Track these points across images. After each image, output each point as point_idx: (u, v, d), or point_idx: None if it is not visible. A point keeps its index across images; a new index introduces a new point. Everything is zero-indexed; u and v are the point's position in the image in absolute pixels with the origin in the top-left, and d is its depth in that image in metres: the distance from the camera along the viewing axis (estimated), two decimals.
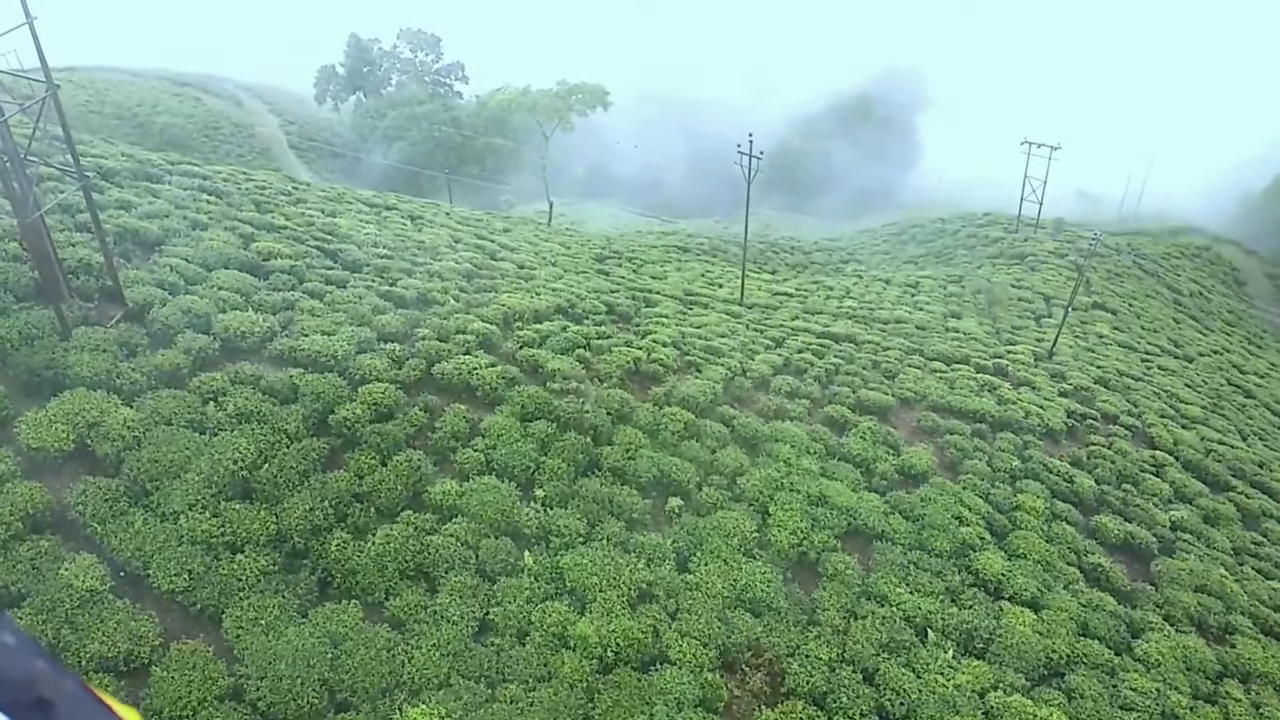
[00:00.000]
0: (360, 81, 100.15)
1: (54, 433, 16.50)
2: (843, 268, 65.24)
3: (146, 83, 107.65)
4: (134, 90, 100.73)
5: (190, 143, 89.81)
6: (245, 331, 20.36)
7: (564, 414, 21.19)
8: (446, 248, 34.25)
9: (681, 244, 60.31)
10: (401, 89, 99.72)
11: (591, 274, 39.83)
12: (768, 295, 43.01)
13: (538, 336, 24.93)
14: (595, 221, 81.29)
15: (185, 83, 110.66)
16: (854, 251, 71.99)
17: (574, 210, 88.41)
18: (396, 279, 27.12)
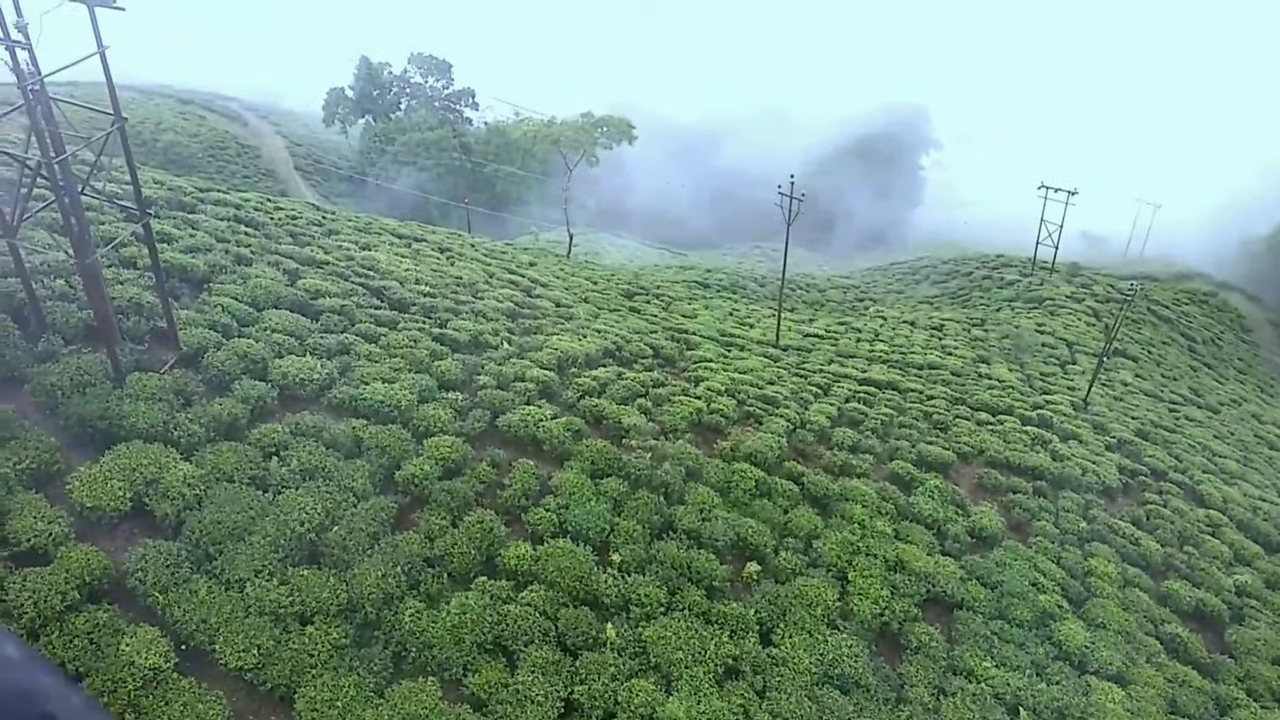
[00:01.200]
0: (369, 105, 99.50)
1: (109, 490, 15.37)
2: (858, 306, 64.67)
3: (150, 100, 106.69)
4: (138, 107, 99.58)
5: (195, 162, 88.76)
6: (304, 379, 19.29)
7: (634, 470, 20.19)
8: (484, 284, 33.29)
9: (701, 279, 59.58)
10: (411, 114, 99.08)
11: (624, 311, 38.97)
12: (798, 337, 42.22)
13: (596, 384, 23.94)
14: (609, 253, 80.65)
15: (189, 100, 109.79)
16: (867, 290, 71.48)
17: (586, 241, 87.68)
18: (445, 320, 26.11)
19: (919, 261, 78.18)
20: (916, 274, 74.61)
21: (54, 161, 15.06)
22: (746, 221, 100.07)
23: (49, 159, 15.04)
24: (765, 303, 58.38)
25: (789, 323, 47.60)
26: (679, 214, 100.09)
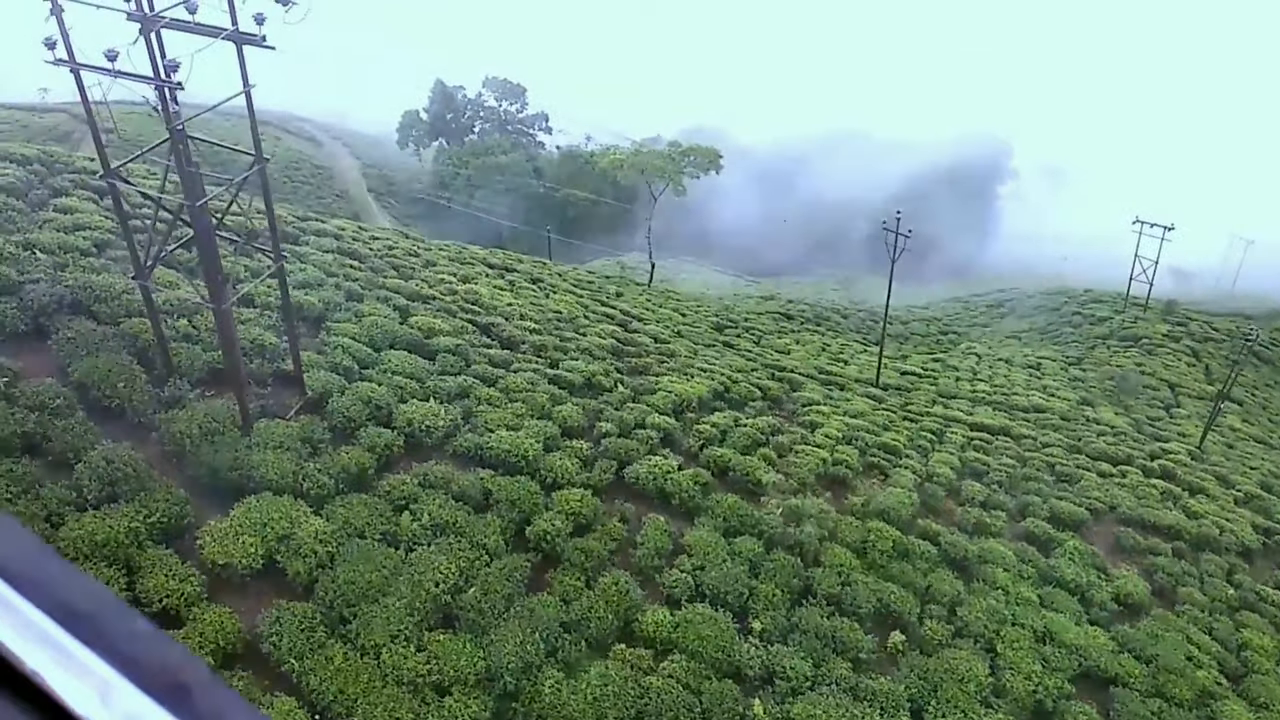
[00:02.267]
0: (444, 128, 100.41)
1: (241, 547, 14.71)
2: (943, 340, 62.79)
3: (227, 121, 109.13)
4: (214, 129, 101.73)
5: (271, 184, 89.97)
6: (429, 426, 18.57)
7: (768, 529, 19.06)
8: (583, 318, 32.58)
9: (784, 310, 58.33)
10: (485, 137, 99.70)
11: (719, 347, 37.97)
12: (896, 375, 40.73)
13: (715, 431, 22.89)
14: (684, 281, 79.62)
15: (265, 121, 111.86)
16: (950, 323, 69.44)
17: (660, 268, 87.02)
18: (556, 359, 25.34)
19: (1002, 294, 75.87)
20: (1001, 307, 72.38)
21: (196, 205, 14.56)
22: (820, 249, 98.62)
23: (192, 204, 14.55)
24: (849, 335, 56.92)
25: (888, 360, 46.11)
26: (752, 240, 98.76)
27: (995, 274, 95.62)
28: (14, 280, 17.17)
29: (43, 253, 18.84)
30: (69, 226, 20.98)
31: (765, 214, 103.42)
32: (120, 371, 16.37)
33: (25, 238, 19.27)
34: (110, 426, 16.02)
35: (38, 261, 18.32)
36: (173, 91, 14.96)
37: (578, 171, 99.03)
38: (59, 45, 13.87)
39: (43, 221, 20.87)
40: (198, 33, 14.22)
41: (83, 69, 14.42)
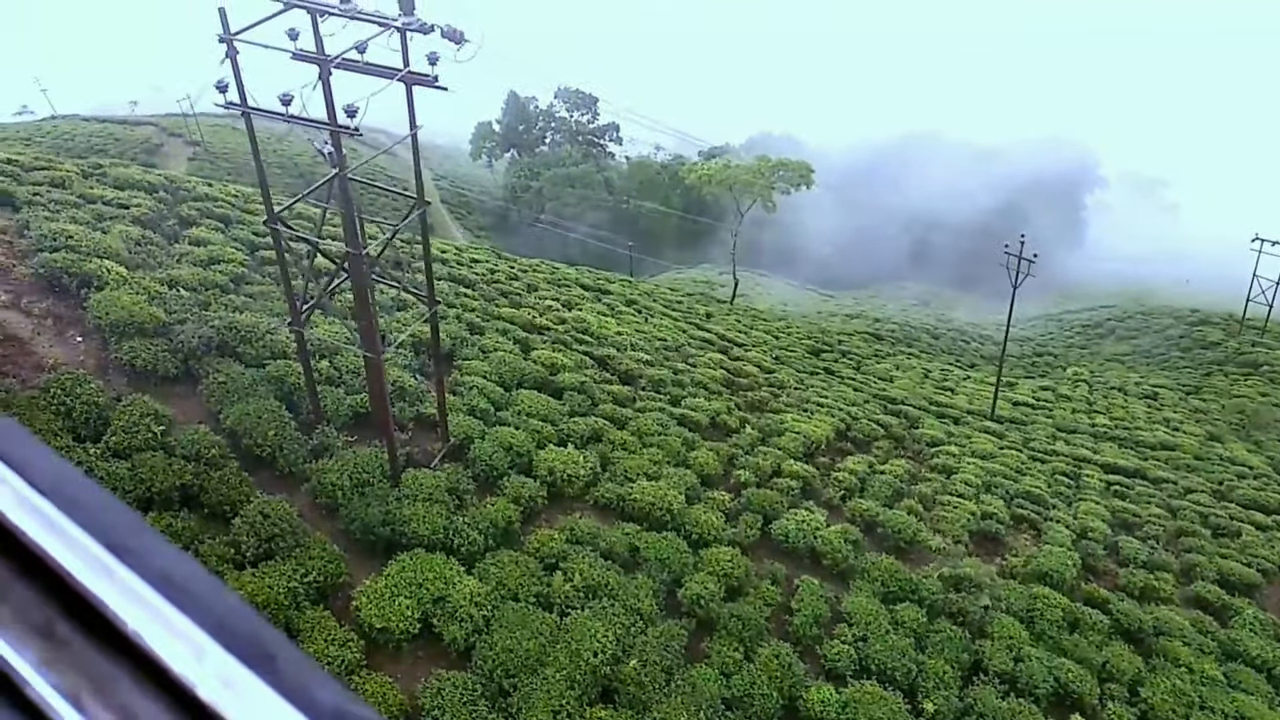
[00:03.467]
0: (516, 139, 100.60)
1: (397, 609, 14.00)
2: (1039, 362, 60.37)
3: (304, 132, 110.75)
4: (295, 142, 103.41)
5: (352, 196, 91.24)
6: (570, 475, 17.73)
7: (928, 595, 17.79)
8: (688, 346, 31.63)
9: (873, 330, 56.67)
10: (556, 148, 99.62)
11: (821, 374, 36.66)
12: (1008, 405, 38.90)
13: (854, 479, 21.69)
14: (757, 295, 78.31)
15: None
16: (1045, 344, 66.87)
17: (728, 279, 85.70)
18: (677, 395, 24.42)
19: (1096, 313, 72.86)
20: (1099, 327, 69.48)
21: (360, 255, 13.92)
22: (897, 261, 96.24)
23: (356, 252, 13.92)
24: (942, 358, 55.01)
25: (986, 383, 44.28)
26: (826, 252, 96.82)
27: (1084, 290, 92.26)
28: (162, 321, 16.78)
29: (185, 290, 18.49)
30: (205, 260, 20.67)
31: (839, 224, 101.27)
32: (270, 418, 15.84)
33: (167, 274, 18.96)
34: (261, 475, 15.52)
35: (182, 300, 17.95)
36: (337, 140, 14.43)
37: (648, 182, 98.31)
38: (230, 88, 13.33)
39: (179, 255, 20.59)
40: (370, 74, 13.62)
41: (255, 113, 13.90)
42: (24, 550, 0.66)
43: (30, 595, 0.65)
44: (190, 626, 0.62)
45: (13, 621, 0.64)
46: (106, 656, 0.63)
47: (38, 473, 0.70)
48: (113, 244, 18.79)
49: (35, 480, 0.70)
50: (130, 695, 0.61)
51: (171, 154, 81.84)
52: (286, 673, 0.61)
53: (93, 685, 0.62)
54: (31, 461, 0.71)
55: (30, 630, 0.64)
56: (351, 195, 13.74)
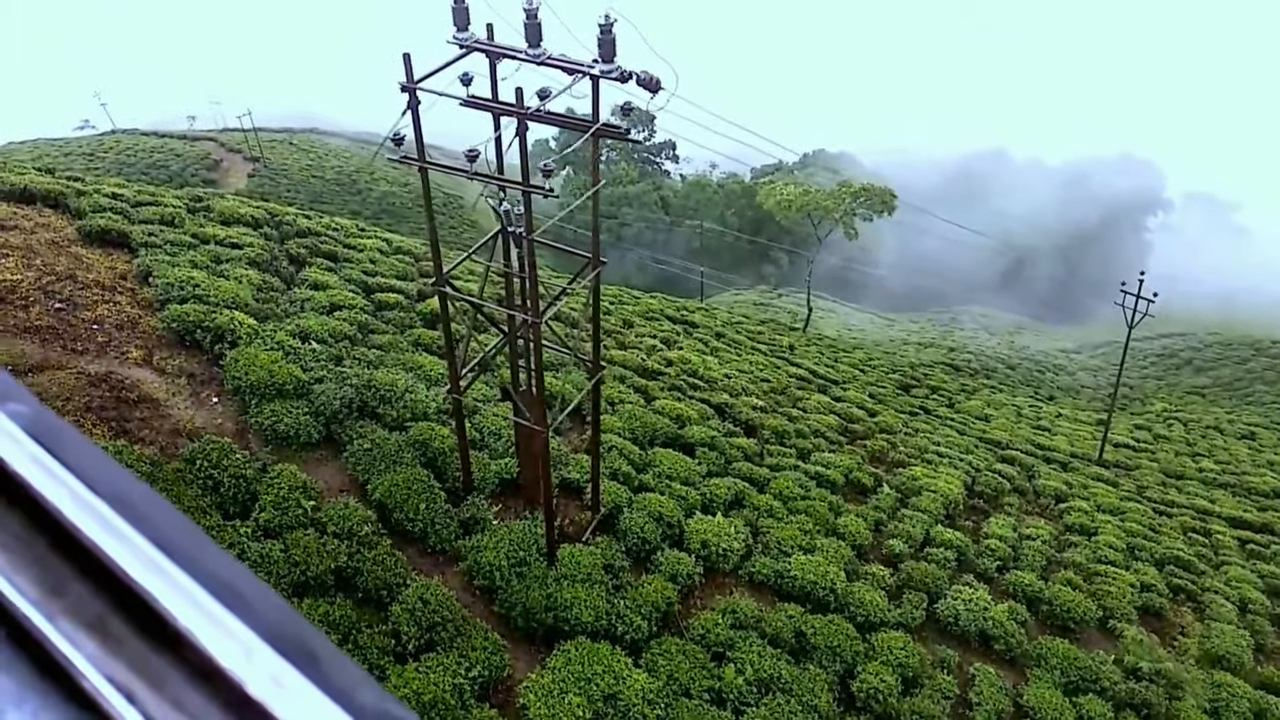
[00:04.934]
0: (572, 158, 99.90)
1: (567, 708, 12.85)
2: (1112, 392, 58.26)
3: (361, 149, 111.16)
4: (351, 157, 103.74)
5: (405, 212, 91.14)
6: (725, 548, 16.57)
7: (1110, 684, 16.39)
8: (793, 388, 30.41)
9: (949, 360, 55.03)
10: (612, 166, 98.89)
11: (921, 415, 35.25)
12: (1109, 447, 37.19)
13: (1006, 548, 20.32)
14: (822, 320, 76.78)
15: None
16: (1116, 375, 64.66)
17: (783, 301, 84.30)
18: (804, 449, 23.23)
19: (1174, 342, 70.50)
20: (1173, 357, 67.28)
21: (537, 320, 12.89)
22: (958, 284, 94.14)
23: (534, 319, 12.88)
24: (1021, 391, 53.23)
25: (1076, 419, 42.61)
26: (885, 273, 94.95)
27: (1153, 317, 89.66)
28: (300, 380, 15.86)
29: (317, 342, 17.60)
30: (326, 306, 19.80)
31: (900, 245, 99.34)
32: (420, 488, 14.85)
33: (296, 324, 18.08)
34: (411, 552, 14.51)
35: (316, 355, 17.06)
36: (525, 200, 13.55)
37: (705, 201, 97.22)
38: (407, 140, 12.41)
39: (301, 301, 19.74)
40: (560, 125, 12.62)
41: (433, 168, 12.99)
42: (81, 549, 0.69)
43: (86, 592, 0.68)
44: (240, 626, 0.64)
45: (69, 617, 0.67)
46: (159, 653, 0.65)
47: (93, 474, 0.72)
48: (241, 293, 17.95)
49: (91, 481, 0.71)
50: (182, 690, 0.64)
51: (231, 170, 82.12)
52: (332, 673, 0.64)
53: (146, 679, 0.65)
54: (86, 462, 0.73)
55: (86, 625, 0.67)
56: (533, 258, 12.69)
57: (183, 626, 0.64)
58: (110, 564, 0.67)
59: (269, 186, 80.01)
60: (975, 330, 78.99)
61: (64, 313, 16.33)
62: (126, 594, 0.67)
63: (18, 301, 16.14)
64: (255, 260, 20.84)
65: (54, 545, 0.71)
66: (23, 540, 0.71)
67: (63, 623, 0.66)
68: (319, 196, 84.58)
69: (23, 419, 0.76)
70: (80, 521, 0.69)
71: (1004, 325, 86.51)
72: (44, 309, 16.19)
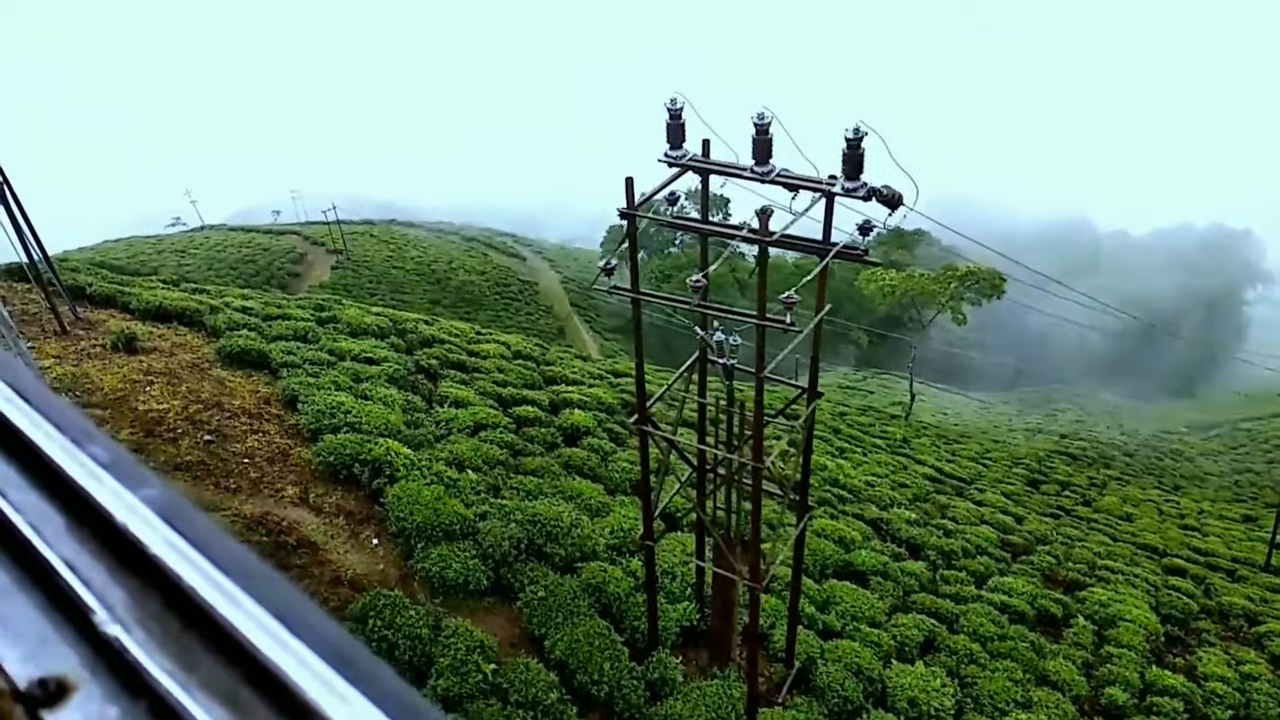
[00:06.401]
0: (646, 241, 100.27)
1: None
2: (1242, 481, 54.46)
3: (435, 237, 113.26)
4: (429, 246, 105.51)
5: (484, 300, 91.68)
6: (935, 706, 14.52)
7: None
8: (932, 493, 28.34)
9: (1063, 449, 52.07)
10: (686, 248, 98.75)
11: (1063, 516, 32.71)
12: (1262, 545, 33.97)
13: (1234, 694, 17.82)
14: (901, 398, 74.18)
15: (472, 238, 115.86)
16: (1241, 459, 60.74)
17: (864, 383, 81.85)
18: (979, 573, 21.08)
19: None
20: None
21: (760, 465, 11.37)
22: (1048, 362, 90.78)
23: (759, 465, 11.37)
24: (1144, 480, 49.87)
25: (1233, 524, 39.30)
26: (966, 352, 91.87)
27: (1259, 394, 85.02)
28: (465, 518, 14.52)
29: (472, 470, 16.34)
30: (471, 426, 18.63)
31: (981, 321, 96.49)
32: (601, 644, 13.23)
33: (448, 450, 16.87)
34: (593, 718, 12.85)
35: (474, 486, 15.77)
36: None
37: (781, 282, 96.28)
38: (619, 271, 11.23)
39: (446, 422, 18.59)
40: (797, 249, 11.34)
41: (646, 298, 11.79)
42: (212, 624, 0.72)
43: (216, 665, 0.72)
44: (358, 697, 0.66)
45: (205, 689, 0.70)
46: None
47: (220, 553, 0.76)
48: (391, 418, 16.84)
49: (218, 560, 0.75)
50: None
51: (316, 263, 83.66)
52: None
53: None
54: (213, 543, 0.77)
55: (220, 697, 0.70)
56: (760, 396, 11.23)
57: (309, 698, 0.67)
58: (240, 638, 0.71)
59: (352, 278, 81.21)
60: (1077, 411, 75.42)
61: (214, 445, 15.35)
62: (255, 667, 0.70)
63: (166, 434, 15.23)
64: (393, 377, 19.86)
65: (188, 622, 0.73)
66: (160, 618, 0.74)
67: (199, 695, 0.69)
68: (400, 286, 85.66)
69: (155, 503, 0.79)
70: (211, 598, 0.72)
71: (1101, 406, 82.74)
72: (193, 442, 15.24)
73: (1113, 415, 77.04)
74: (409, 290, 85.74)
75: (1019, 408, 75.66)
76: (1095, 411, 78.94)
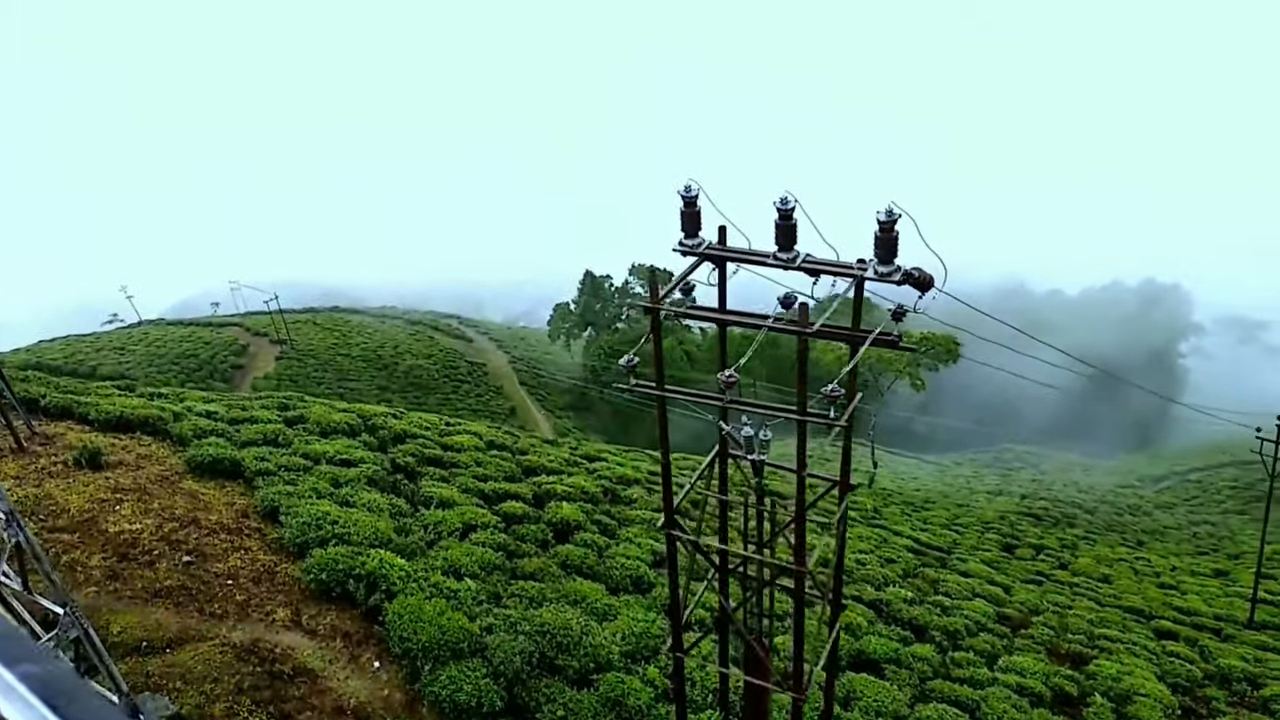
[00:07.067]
0: (593, 318, 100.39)
1: None
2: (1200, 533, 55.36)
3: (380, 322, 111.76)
4: (374, 332, 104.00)
5: (434, 384, 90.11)
6: None
7: None
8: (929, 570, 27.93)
9: (1028, 509, 52.41)
10: (634, 325, 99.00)
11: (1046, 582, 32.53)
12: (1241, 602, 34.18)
13: None
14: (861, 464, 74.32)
15: (416, 322, 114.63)
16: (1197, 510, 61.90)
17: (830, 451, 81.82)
18: (984, 651, 20.53)
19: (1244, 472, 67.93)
20: (1250, 489, 64.53)
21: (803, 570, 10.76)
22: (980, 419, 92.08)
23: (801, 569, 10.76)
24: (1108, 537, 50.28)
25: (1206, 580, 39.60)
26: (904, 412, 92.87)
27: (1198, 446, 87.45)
28: (471, 633, 13.55)
29: (470, 578, 15.39)
30: (460, 528, 17.70)
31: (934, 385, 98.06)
32: None
33: (443, 558, 15.90)
34: None
35: (475, 595, 14.82)
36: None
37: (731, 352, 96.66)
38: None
39: (433, 526, 17.61)
40: (834, 338, 10.94)
41: (676, 396, 11.22)
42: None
43: None
44: None
45: None
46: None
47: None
48: (381, 526, 15.86)
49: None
50: None
51: (259, 354, 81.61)
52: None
53: None
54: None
55: None
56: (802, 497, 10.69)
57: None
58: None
59: (297, 368, 79.33)
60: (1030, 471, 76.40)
61: (194, 567, 14.22)
62: None
63: (141, 557, 14.08)
64: (373, 479, 18.90)
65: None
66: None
67: None
68: (347, 374, 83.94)
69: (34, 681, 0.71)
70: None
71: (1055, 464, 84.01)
72: (171, 564, 14.10)
73: (1066, 472, 78.20)
74: (356, 378, 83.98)
75: (974, 469, 76.37)
76: (1049, 470, 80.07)
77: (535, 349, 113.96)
